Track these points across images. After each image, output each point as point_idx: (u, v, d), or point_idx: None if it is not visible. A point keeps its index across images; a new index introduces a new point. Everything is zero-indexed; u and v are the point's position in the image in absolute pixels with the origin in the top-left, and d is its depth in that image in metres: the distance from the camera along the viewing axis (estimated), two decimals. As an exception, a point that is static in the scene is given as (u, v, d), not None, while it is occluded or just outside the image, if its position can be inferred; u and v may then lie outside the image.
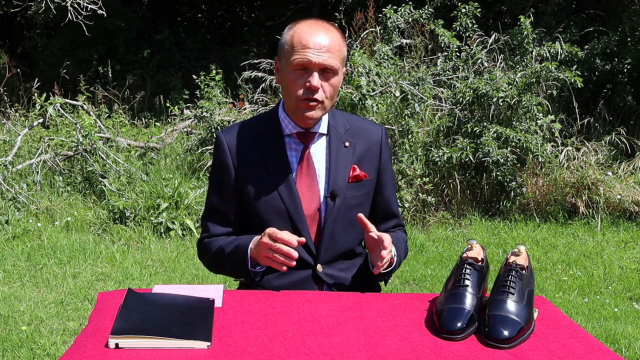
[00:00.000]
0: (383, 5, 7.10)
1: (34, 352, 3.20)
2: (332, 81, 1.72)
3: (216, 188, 1.87)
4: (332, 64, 1.70)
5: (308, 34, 1.69)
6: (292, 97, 1.74)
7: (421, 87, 5.90)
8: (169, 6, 13.00)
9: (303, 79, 1.70)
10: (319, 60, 1.68)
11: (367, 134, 1.89)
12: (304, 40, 1.69)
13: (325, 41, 1.69)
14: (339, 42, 1.73)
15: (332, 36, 1.72)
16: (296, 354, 1.31)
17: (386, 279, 1.85)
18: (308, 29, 1.71)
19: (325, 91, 1.72)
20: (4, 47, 11.04)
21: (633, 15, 7.29)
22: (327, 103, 1.75)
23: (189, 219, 5.12)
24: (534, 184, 5.77)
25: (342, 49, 1.75)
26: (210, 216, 1.88)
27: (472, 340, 1.40)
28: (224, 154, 1.83)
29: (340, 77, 1.77)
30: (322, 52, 1.68)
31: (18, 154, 6.04)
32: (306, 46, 1.68)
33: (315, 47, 1.68)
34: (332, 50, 1.70)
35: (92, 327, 1.41)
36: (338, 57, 1.72)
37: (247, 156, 1.81)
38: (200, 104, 6.25)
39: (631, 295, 4.13)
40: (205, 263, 1.92)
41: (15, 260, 4.46)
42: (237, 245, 1.76)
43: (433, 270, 4.45)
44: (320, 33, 1.70)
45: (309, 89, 1.70)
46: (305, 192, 1.80)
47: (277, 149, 1.81)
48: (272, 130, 1.82)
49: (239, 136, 1.84)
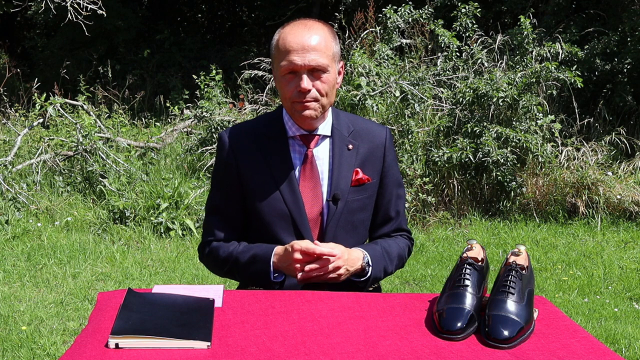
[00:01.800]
0: (383, 5, 7.10)
1: (34, 352, 3.20)
2: (323, 78, 1.71)
3: (218, 189, 1.86)
4: (319, 63, 1.69)
5: (291, 37, 1.69)
6: (286, 101, 1.75)
7: (421, 87, 5.90)
8: (169, 6, 13.01)
9: (294, 82, 1.71)
10: (305, 62, 1.67)
11: (371, 136, 1.88)
12: (287, 44, 1.68)
13: (309, 41, 1.68)
14: (325, 39, 1.71)
15: (317, 34, 1.70)
16: (296, 354, 1.31)
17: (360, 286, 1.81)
18: (290, 31, 1.71)
19: (319, 89, 1.72)
20: (4, 47, 11.04)
21: (633, 15, 7.29)
22: (324, 100, 1.74)
23: (189, 219, 5.12)
24: (534, 184, 5.77)
25: (330, 45, 1.73)
26: (212, 217, 1.87)
27: (472, 340, 1.39)
28: (226, 154, 1.82)
29: (333, 72, 1.75)
30: (307, 52, 1.67)
31: (18, 154, 6.04)
32: (290, 50, 1.68)
33: (299, 48, 1.67)
34: (317, 48, 1.68)
35: (92, 327, 1.41)
36: (325, 53, 1.70)
37: (250, 157, 1.81)
38: (200, 104, 6.25)
39: (631, 295, 4.13)
40: (211, 267, 1.90)
41: (15, 260, 4.46)
42: (254, 255, 1.77)
43: (433, 270, 4.46)
44: (303, 34, 1.69)
45: (300, 92, 1.70)
46: (309, 194, 1.79)
47: (281, 150, 1.80)
48: (275, 132, 1.82)
49: (242, 137, 1.83)
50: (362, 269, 1.78)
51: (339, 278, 1.72)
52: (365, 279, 1.79)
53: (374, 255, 1.81)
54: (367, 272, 1.78)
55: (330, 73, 1.73)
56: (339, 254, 1.70)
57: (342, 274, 1.72)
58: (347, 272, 1.74)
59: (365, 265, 1.78)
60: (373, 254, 1.81)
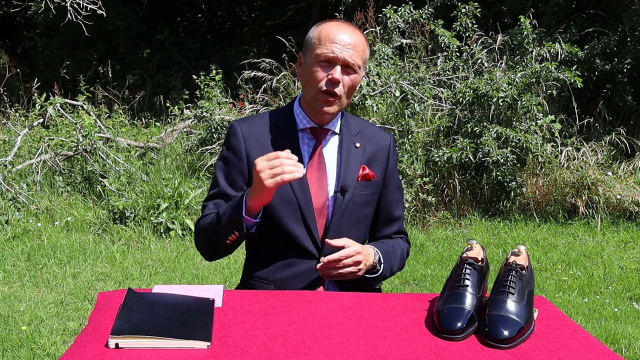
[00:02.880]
0: (383, 5, 7.10)
1: (34, 352, 3.20)
2: (352, 77, 1.79)
3: (224, 173, 1.86)
4: (355, 61, 1.77)
5: (336, 30, 1.77)
6: (313, 88, 1.79)
7: (421, 87, 5.90)
8: (169, 6, 13.01)
9: (326, 71, 1.77)
10: (343, 55, 1.75)
11: (377, 138, 1.95)
12: (331, 35, 1.76)
13: (351, 39, 1.77)
14: (363, 43, 1.81)
15: (358, 36, 1.80)
16: (296, 354, 1.31)
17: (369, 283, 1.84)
18: (336, 26, 1.79)
19: (345, 86, 1.78)
20: (4, 47, 11.04)
21: (633, 15, 7.29)
22: (344, 99, 1.81)
23: (189, 219, 5.12)
24: (534, 184, 5.77)
25: (366, 50, 1.82)
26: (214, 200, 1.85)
27: (472, 340, 1.40)
28: (237, 140, 1.85)
29: (360, 76, 1.83)
30: (347, 47, 1.75)
31: (18, 154, 6.04)
32: (333, 41, 1.76)
33: (341, 42, 1.75)
34: (356, 48, 1.77)
35: (92, 327, 1.41)
36: (361, 56, 1.79)
37: (260, 146, 1.83)
38: (200, 104, 6.25)
39: (631, 295, 4.13)
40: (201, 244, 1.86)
41: (15, 260, 4.46)
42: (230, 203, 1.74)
43: (433, 270, 4.46)
44: (347, 31, 1.78)
45: (330, 81, 1.76)
46: (315, 185, 1.83)
47: (290, 142, 1.83)
48: (286, 124, 1.87)
49: (254, 126, 1.87)
50: (373, 266, 1.81)
51: (359, 273, 1.76)
52: (375, 276, 1.82)
53: (384, 253, 1.86)
54: (379, 269, 1.82)
55: (358, 75, 1.81)
56: (359, 249, 1.74)
57: (361, 269, 1.76)
58: (365, 267, 1.77)
59: (376, 262, 1.82)
60: (383, 252, 1.85)
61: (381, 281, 1.92)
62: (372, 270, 1.82)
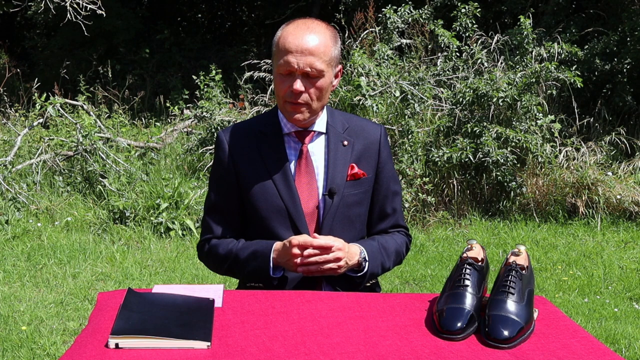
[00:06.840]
0: (383, 5, 7.09)
1: (34, 352, 3.20)
2: (317, 84, 1.73)
3: (216, 187, 1.88)
4: (315, 68, 1.70)
5: (291, 37, 1.70)
6: (279, 99, 1.78)
7: (421, 87, 5.90)
8: (169, 6, 13.01)
9: (288, 82, 1.73)
10: (300, 66, 1.69)
11: (365, 133, 1.90)
12: (287, 44, 1.70)
13: (309, 44, 1.69)
14: (325, 43, 1.72)
15: (317, 37, 1.71)
16: (296, 354, 1.31)
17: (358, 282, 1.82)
18: (291, 32, 1.72)
19: (311, 94, 1.74)
20: (4, 47, 11.04)
21: (633, 15, 7.29)
22: (315, 105, 1.76)
23: (189, 219, 5.12)
24: (533, 184, 5.76)
25: (329, 49, 1.73)
26: (211, 215, 1.89)
27: (472, 340, 1.40)
28: (223, 152, 1.85)
29: (329, 77, 1.76)
30: (305, 55, 1.68)
31: (18, 154, 6.04)
32: (289, 50, 1.69)
33: (298, 51, 1.68)
34: (315, 52, 1.69)
35: (92, 327, 1.41)
36: (322, 58, 1.71)
37: (246, 155, 1.83)
38: (200, 104, 6.25)
39: (631, 295, 4.13)
40: (210, 264, 1.92)
41: (15, 260, 4.46)
42: (254, 251, 1.79)
43: (433, 270, 4.46)
44: (303, 36, 1.70)
45: (293, 93, 1.72)
46: (304, 190, 1.82)
47: (276, 147, 1.83)
48: (271, 129, 1.85)
49: (239, 135, 1.86)
50: (358, 264, 1.79)
51: (339, 270, 1.73)
52: (362, 275, 1.80)
53: (371, 251, 1.83)
54: (364, 267, 1.80)
55: (326, 78, 1.74)
56: (340, 245, 1.72)
57: (341, 266, 1.73)
58: (346, 265, 1.75)
59: (361, 260, 1.80)
60: (370, 250, 1.83)
61: (373, 279, 1.90)
62: (358, 269, 1.80)
